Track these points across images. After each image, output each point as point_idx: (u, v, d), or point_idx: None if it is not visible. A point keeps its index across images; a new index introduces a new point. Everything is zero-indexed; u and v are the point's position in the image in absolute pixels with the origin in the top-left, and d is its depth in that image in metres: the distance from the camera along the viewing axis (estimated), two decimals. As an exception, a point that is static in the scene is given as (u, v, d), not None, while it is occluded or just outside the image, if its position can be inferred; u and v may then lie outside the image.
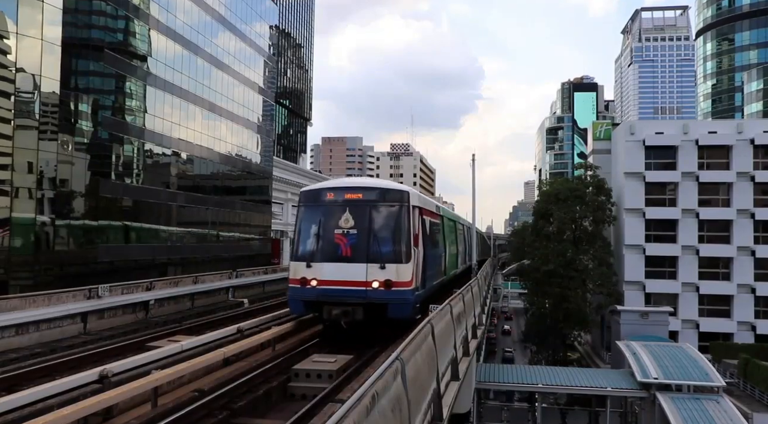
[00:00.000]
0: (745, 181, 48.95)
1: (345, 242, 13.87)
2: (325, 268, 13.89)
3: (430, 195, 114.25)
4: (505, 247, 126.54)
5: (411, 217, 14.32)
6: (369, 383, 4.58)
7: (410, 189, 15.21)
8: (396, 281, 13.56)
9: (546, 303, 54.30)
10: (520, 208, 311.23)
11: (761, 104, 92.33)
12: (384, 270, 13.55)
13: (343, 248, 13.88)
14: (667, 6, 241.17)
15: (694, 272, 49.38)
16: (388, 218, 14.22)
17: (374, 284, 13.54)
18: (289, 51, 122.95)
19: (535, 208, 60.93)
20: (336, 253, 13.92)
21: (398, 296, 13.55)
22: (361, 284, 13.58)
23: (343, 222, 13.95)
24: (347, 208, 14.07)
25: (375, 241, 13.74)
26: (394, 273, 13.59)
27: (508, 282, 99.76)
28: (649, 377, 31.17)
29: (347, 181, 16.17)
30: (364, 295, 13.57)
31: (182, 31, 43.50)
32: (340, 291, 13.71)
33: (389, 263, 13.63)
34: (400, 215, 14.20)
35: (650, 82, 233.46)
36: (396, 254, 13.83)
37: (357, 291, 13.59)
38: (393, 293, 13.51)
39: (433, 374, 8.53)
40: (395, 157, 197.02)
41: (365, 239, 13.79)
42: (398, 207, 14.30)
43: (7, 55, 30.44)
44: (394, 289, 13.54)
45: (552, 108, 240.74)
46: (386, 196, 14.57)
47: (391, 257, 13.74)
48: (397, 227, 14.14)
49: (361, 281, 13.59)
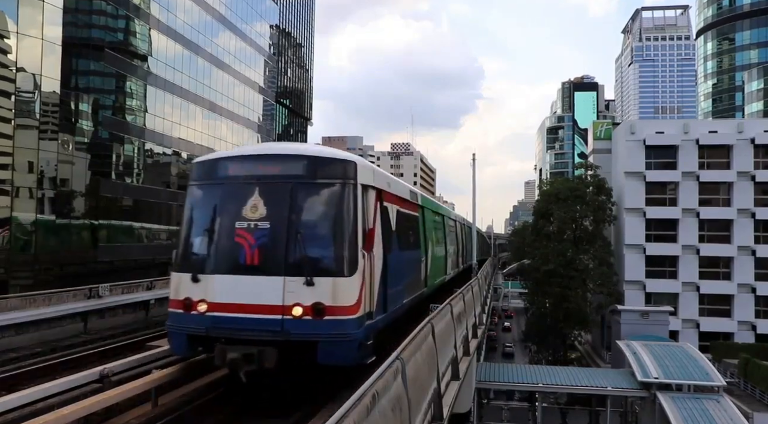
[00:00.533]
0: (746, 181, 48.93)
1: (251, 242, 8.80)
2: (219, 283, 8.85)
3: (431, 195, 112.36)
4: (505, 246, 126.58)
5: (361, 203, 9.24)
6: (369, 382, 4.58)
7: (360, 160, 9.83)
8: (331, 305, 8.61)
9: (546, 303, 54.30)
10: (520, 208, 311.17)
11: (762, 104, 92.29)
12: (313, 288, 8.59)
13: (247, 252, 8.79)
14: (667, 5, 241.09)
15: (694, 272, 49.37)
16: (323, 204, 9.23)
17: (295, 310, 8.55)
18: (290, 50, 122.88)
19: (535, 208, 60.93)
20: (236, 259, 8.84)
21: (335, 330, 8.58)
22: (275, 310, 8.60)
23: (249, 210, 8.93)
24: (257, 189, 9.03)
25: (299, 240, 8.73)
26: (328, 292, 8.65)
27: (509, 282, 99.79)
28: (650, 376, 31.14)
29: (261, 147, 10.87)
30: (279, 328, 8.56)
31: (183, 31, 43.51)
32: (241, 321, 8.68)
33: (321, 276, 8.68)
34: (343, 200, 9.10)
35: (651, 81, 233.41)
36: (332, 262, 8.89)
37: (267, 321, 8.60)
38: (326, 324, 8.57)
39: (434, 373, 8.53)
40: (396, 157, 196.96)
41: (283, 238, 8.78)
42: (339, 187, 9.14)
43: (7, 55, 30.47)
44: (329, 318, 8.57)
45: (552, 108, 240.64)
46: (319, 169, 9.32)
47: (324, 266, 8.85)
48: (337, 218, 9.06)
49: (275, 305, 8.60)
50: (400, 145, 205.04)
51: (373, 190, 9.96)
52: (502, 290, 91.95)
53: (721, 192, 50.02)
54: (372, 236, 9.58)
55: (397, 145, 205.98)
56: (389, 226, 11.12)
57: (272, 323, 8.57)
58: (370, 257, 9.40)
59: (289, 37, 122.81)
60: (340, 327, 8.61)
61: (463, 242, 30.21)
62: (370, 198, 9.74)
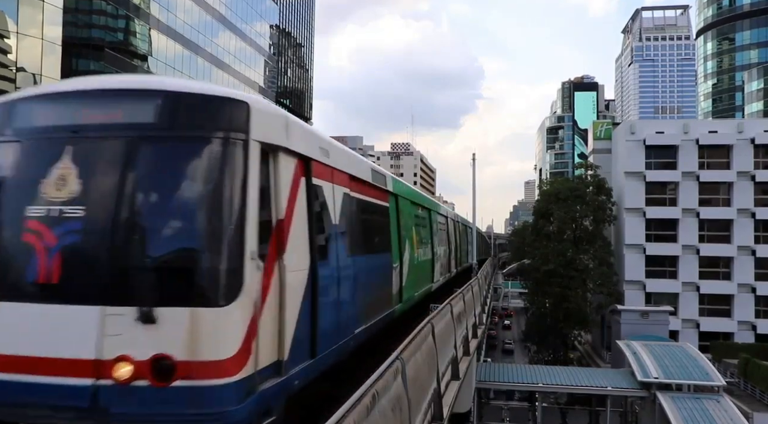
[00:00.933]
0: (746, 181, 48.95)
1: (49, 244, 4.76)
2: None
3: (431, 195, 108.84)
4: (505, 246, 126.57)
5: (258, 174, 5.28)
6: (369, 382, 4.59)
7: (261, 103, 5.72)
8: (188, 359, 4.50)
9: (546, 303, 54.33)
10: (520, 208, 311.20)
11: (762, 104, 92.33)
12: (154, 327, 4.51)
13: (40, 262, 4.76)
14: (667, 5, 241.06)
15: (694, 272, 49.39)
16: (184, 176, 5.08)
17: (120, 370, 4.48)
18: (290, 50, 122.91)
19: (535, 208, 60.95)
20: (19, 275, 4.90)
21: (194, 409, 4.53)
22: (83, 370, 4.52)
23: (51, 187, 4.89)
24: (68, 149, 5.01)
25: (134, 239, 4.86)
26: (182, 336, 4.55)
27: (509, 282, 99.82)
28: (650, 376, 31.17)
29: (82, 81, 5.84)
30: (88, 403, 4.50)
31: (183, 31, 43.54)
32: (24, 390, 4.57)
33: (171, 306, 4.60)
34: (219, 168, 5.00)
35: (651, 81, 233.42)
36: (193, 279, 4.83)
37: (68, 391, 4.52)
38: (178, 397, 4.51)
39: (434, 373, 8.54)
40: (396, 157, 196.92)
41: (105, 234, 4.79)
42: (216, 146, 5.05)
43: (7, 55, 30.49)
44: (183, 385, 4.49)
45: (552, 107, 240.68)
46: (181, 114, 5.19)
47: (177, 286, 4.80)
48: (208, 199, 4.95)
49: (84, 359, 4.52)
50: (400, 145, 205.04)
51: (289, 157, 5.93)
52: (502, 289, 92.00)
53: (721, 192, 50.05)
54: (283, 233, 5.66)
55: (397, 145, 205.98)
56: (326, 218, 7.08)
57: (76, 395, 4.47)
58: (277, 268, 5.49)
59: (289, 37, 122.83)
60: (203, 402, 4.50)
61: (456, 243, 25.58)
62: (281, 169, 5.71)
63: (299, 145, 6.22)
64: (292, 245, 5.83)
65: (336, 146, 7.94)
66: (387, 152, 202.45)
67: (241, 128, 5.14)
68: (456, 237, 25.64)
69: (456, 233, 25.90)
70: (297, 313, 5.83)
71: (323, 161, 7.01)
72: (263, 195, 5.38)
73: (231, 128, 5.13)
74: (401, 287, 11.73)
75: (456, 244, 25.40)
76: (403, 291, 11.92)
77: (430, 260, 16.73)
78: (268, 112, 5.69)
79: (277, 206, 5.66)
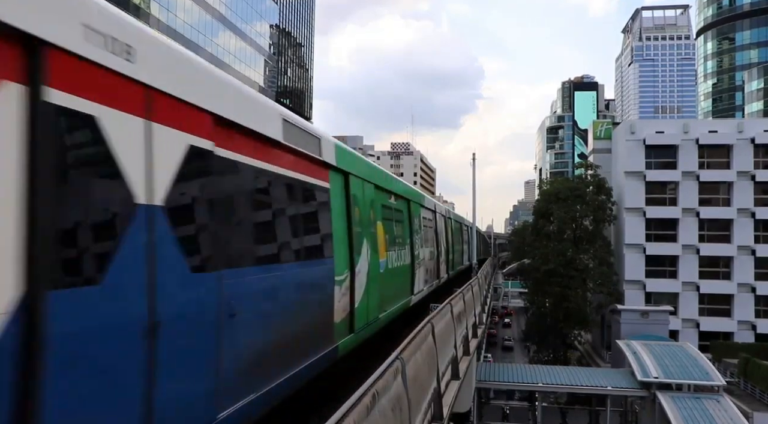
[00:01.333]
0: (746, 181, 48.95)
1: None
2: None
3: (431, 194, 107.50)
4: (505, 246, 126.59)
5: None
6: (369, 382, 4.58)
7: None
8: None
9: (546, 302, 54.36)
10: (520, 208, 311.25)
11: (762, 103, 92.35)
12: None
13: None
14: (667, 5, 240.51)
15: (694, 272, 49.40)
16: None
17: None
18: (290, 50, 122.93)
19: (535, 208, 60.96)
20: None
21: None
22: None
23: None
24: None
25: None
26: None
27: (509, 281, 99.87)
28: (650, 376, 31.17)
29: None
30: None
31: (183, 30, 43.57)
32: None
33: None
34: None
35: (651, 81, 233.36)
36: None
37: None
38: None
39: (434, 373, 8.52)
40: (396, 156, 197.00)
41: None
42: None
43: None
44: None
45: (552, 107, 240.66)
46: None
47: None
48: None
49: None
50: (400, 145, 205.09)
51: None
52: (502, 289, 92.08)
53: (721, 192, 50.05)
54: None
55: (397, 144, 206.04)
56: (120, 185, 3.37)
57: None
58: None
59: (289, 36, 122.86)
60: None
61: (448, 243, 22.05)
62: None
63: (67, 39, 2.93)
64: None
65: (164, 42, 3.97)
66: (387, 152, 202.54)
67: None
68: (447, 236, 21.96)
69: (448, 232, 22.29)
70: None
71: (91, 58, 3.10)
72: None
73: None
74: (352, 311, 8.08)
75: (449, 245, 22.00)
76: (357, 315, 8.27)
77: (409, 266, 13.29)
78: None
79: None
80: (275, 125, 5.64)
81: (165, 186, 3.75)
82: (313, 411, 8.65)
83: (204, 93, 4.33)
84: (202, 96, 4.28)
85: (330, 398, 9.00)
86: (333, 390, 8.92)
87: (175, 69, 4.03)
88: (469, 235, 36.96)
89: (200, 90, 4.28)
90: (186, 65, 4.23)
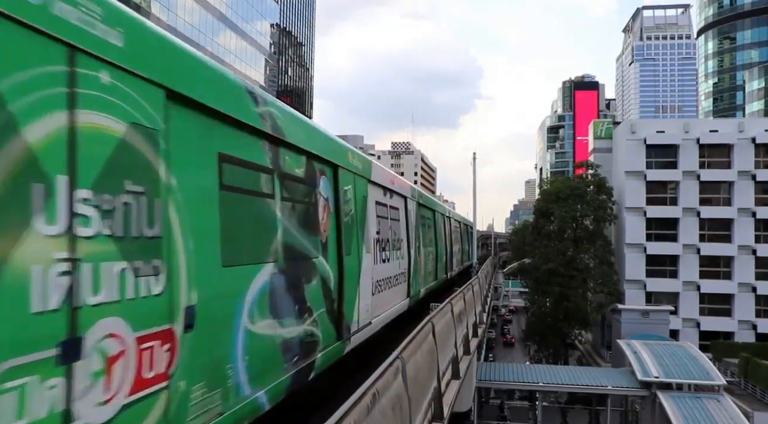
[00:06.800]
0: (746, 180, 48.93)
1: None
2: None
3: (431, 194, 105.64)
4: (505, 246, 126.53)
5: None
6: (370, 381, 4.59)
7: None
8: None
9: (547, 302, 54.34)
10: (520, 207, 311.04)
11: (762, 103, 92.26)
12: None
13: None
14: (668, 5, 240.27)
15: (694, 271, 49.38)
16: None
17: None
18: (290, 49, 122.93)
19: (535, 207, 60.90)
20: None
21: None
22: None
23: None
24: None
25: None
26: None
27: (509, 281, 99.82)
28: (650, 375, 31.17)
29: None
30: None
31: (183, 30, 43.56)
32: None
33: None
34: None
35: (651, 80, 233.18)
36: None
37: None
38: None
39: (434, 372, 8.53)
40: (396, 156, 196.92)
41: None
42: None
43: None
44: None
45: (553, 106, 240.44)
46: None
47: None
48: None
49: None
50: (401, 144, 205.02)
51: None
52: (503, 289, 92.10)
53: (722, 191, 50.03)
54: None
55: (397, 144, 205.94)
56: None
57: None
58: None
59: (289, 36, 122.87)
60: None
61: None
62: None
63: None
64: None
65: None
66: (388, 151, 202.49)
67: None
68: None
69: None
70: None
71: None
72: None
73: None
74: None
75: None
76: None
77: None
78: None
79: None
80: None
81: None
82: (313, 411, 8.67)
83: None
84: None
85: (330, 398, 8.99)
86: (333, 390, 8.93)
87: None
88: (469, 235, 36.95)
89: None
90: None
